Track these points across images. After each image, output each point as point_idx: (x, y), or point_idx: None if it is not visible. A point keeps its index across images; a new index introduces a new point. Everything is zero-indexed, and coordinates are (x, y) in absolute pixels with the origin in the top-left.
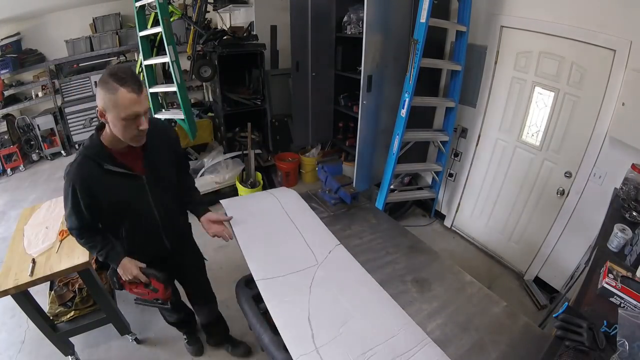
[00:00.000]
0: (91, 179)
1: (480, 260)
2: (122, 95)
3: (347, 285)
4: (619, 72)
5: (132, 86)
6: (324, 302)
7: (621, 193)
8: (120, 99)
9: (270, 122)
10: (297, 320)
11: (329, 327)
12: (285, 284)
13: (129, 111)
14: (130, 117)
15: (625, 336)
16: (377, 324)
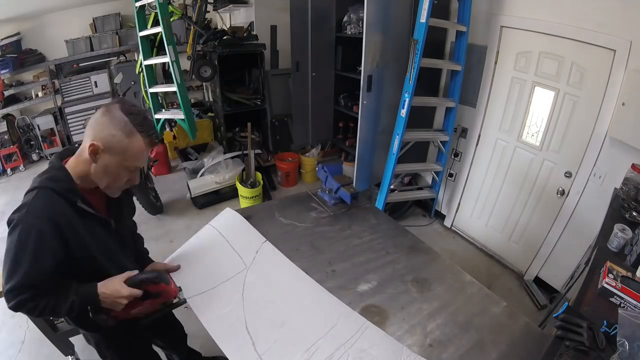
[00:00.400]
0: (63, 220)
1: (480, 260)
2: (137, 144)
3: (279, 284)
4: (619, 72)
5: (150, 137)
6: (259, 306)
7: (621, 193)
8: (133, 147)
9: (270, 122)
10: (235, 331)
11: (269, 331)
12: (216, 295)
13: (136, 163)
14: (131, 169)
15: (625, 336)
16: (316, 318)
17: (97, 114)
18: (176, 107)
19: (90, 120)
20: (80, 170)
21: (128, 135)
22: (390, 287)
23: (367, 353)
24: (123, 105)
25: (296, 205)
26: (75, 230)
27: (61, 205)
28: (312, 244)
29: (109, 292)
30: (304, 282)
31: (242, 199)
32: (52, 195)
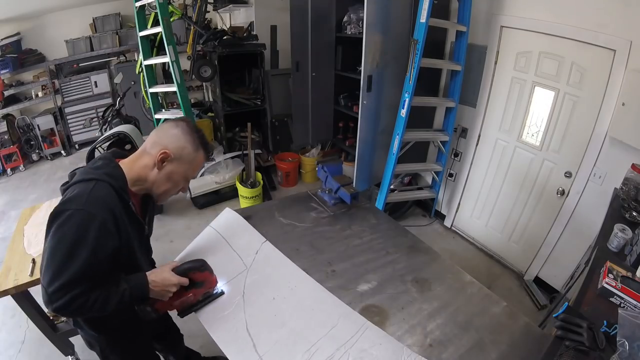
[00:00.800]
0: (118, 214)
1: (480, 260)
2: (200, 157)
3: (279, 285)
4: (619, 72)
5: (209, 154)
6: (260, 308)
7: (621, 193)
8: (197, 160)
9: (270, 122)
10: (236, 334)
11: (269, 332)
12: (218, 298)
13: (194, 174)
14: (188, 179)
15: (625, 336)
16: (316, 318)
17: (166, 126)
18: (176, 107)
19: (159, 131)
20: (136, 173)
21: (196, 149)
22: (390, 287)
23: (367, 353)
24: (189, 123)
25: (296, 205)
26: (125, 226)
27: (117, 200)
28: (312, 244)
29: (159, 281)
30: (305, 283)
31: (242, 199)
32: (110, 190)
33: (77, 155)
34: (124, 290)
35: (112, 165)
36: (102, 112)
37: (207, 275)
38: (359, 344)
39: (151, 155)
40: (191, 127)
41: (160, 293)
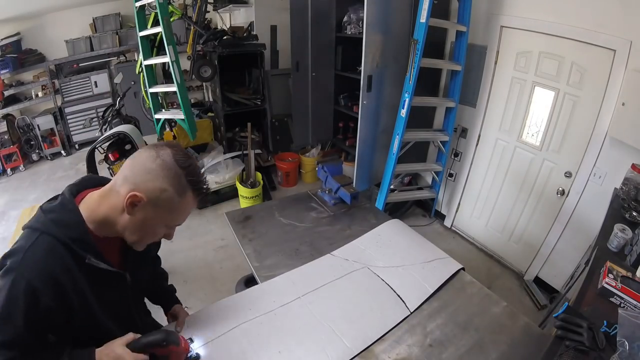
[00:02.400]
0: (64, 277)
1: (480, 260)
2: (187, 201)
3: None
4: (619, 72)
5: (202, 195)
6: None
7: (621, 193)
8: (182, 205)
9: (270, 122)
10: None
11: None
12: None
13: (180, 221)
14: (172, 226)
15: (625, 336)
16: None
17: (142, 156)
18: (176, 107)
19: (133, 161)
20: (103, 215)
21: (180, 193)
22: None
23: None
24: (175, 152)
25: (296, 205)
26: (81, 292)
27: (66, 260)
28: (312, 244)
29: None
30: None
31: (242, 199)
32: (55, 246)
33: (77, 155)
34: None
35: (66, 208)
36: (102, 112)
37: (172, 349)
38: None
39: (120, 195)
40: (177, 159)
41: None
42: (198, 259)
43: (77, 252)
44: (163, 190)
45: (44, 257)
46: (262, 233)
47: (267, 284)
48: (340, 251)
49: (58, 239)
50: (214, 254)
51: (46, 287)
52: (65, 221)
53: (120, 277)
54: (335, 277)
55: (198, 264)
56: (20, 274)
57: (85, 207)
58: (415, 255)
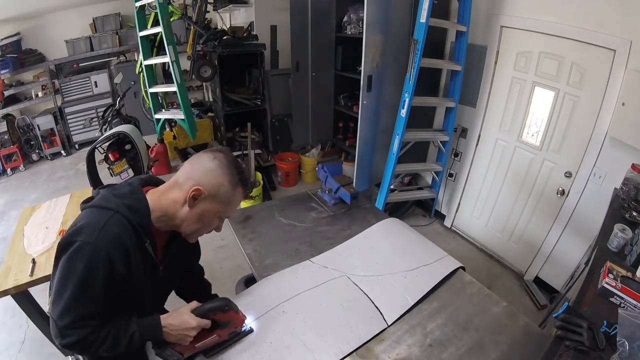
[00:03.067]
0: (131, 253)
1: (480, 260)
2: (238, 195)
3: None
4: (619, 72)
5: (248, 193)
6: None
7: (621, 193)
8: (235, 199)
9: (270, 122)
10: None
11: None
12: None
13: (232, 213)
14: (223, 218)
15: (625, 336)
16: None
17: (203, 157)
18: (176, 107)
19: (194, 163)
20: (164, 208)
21: (234, 187)
22: None
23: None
24: (228, 155)
25: (296, 205)
26: (136, 265)
27: (133, 239)
28: (312, 244)
29: (177, 324)
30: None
31: None
32: (127, 226)
33: (77, 155)
34: (133, 333)
35: (137, 196)
36: (102, 112)
37: (231, 315)
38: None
39: (183, 190)
40: (230, 160)
41: (178, 337)
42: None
43: (141, 235)
44: (221, 184)
45: (118, 232)
46: (262, 233)
47: (244, 295)
48: (320, 258)
49: (129, 220)
50: (214, 254)
51: (120, 256)
52: (136, 207)
53: (156, 268)
54: (311, 285)
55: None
56: (98, 246)
57: (150, 198)
58: (399, 263)
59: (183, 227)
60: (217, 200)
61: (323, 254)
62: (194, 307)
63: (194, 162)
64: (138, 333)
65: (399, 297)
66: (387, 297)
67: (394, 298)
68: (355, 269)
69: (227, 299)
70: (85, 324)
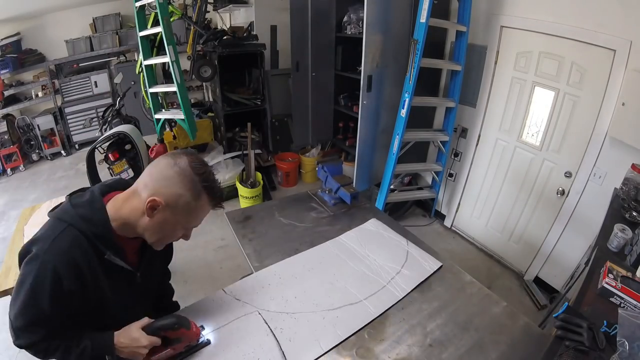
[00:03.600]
0: (85, 268)
1: (480, 260)
2: (204, 205)
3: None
4: (619, 72)
5: (217, 202)
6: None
7: (621, 193)
8: (199, 209)
9: (270, 122)
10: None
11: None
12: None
13: (197, 223)
14: (189, 228)
15: (625, 336)
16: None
17: (161, 163)
18: (176, 107)
19: (152, 169)
20: (126, 216)
21: (196, 197)
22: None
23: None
24: (192, 159)
25: (296, 205)
26: (95, 281)
27: (88, 252)
28: (312, 244)
29: (128, 342)
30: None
31: (242, 199)
32: (80, 240)
33: (77, 155)
34: (85, 347)
35: (94, 205)
36: (102, 112)
37: (182, 332)
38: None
39: (141, 199)
40: (193, 166)
41: (130, 354)
42: (198, 258)
43: (99, 247)
44: (180, 195)
45: (69, 247)
46: (262, 233)
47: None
48: (235, 287)
49: (83, 233)
50: (214, 254)
51: (69, 273)
52: (92, 218)
53: (132, 274)
54: (220, 324)
55: (198, 264)
56: (47, 259)
57: (111, 207)
58: (331, 302)
59: (146, 236)
60: (178, 211)
61: (238, 282)
62: (145, 324)
63: (153, 169)
64: (90, 348)
65: (311, 343)
66: (296, 343)
67: (304, 343)
68: (268, 303)
69: (177, 317)
70: (35, 329)
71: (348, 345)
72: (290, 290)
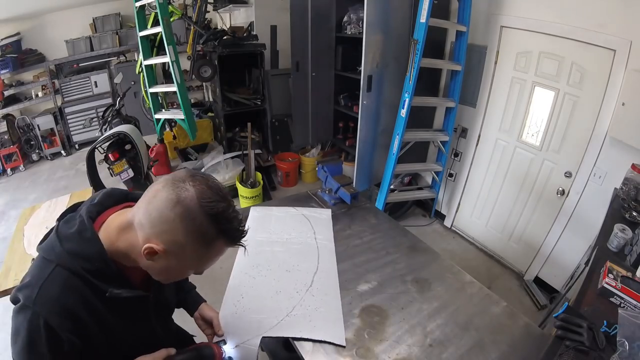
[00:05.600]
0: (81, 313)
1: (480, 260)
2: (217, 250)
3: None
4: (619, 72)
5: (236, 240)
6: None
7: (621, 193)
8: (213, 254)
9: (270, 122)
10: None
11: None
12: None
13: (208, 266)
14: (201, 270)
15: (625, 336)
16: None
17: (159, 198)
18: (176, 107)
19: (149, 205)
20: (123, 250)
21: (207, 244)
22: (390, 287)
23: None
24: (201, 193)
25: (296, 205)
26: (100, 325)
27: (84, 294)
28: None
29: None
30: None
31: (242, 199)
32: (71, 280)
33: (77, 155)
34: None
35: (84, 236)
36: (102, 112)
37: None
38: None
39: (137, 236)
40: (203, 205)
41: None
42: None
43: (97, 285)
44: (184, 244)
45: (59, 294)
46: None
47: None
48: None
49: (75, 272)
50: None
51: (65, 322)
52: (83, 253)
53: (145, 299)
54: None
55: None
56: (36, 311)
57: (105, 236)
58: (304, 282)
59: (150, 273)
60: (184, 259)
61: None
62: (166, 355)
63: (149, 205)
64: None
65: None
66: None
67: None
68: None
69: (198, 349)
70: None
71: (348, 345)
72: (265, 300)
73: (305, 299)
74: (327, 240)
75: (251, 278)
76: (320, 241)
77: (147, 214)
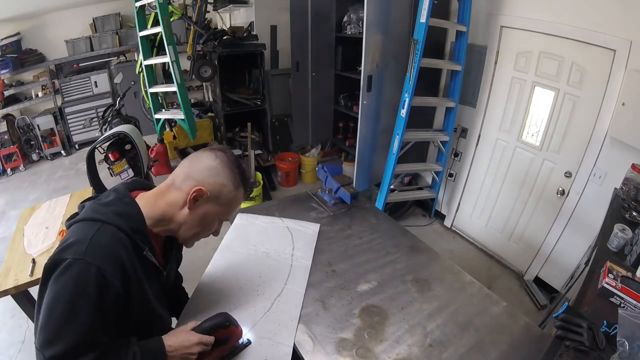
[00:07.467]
0: (128, 263)
1: (480, 260)
2: (240, 196)
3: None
4: (619, 72)
5: (249, 193)
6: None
7: (621, 193)
8: (237, 200)
9: (270, 122)
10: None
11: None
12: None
13: (231, 215)
14: (224, 220)
15: (625, 336)
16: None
17: (203, 156)
18: (176, 107)
19: (193, 161)
20: (160, 211)
21: (236, 187)
22: (390, 287)
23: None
24: (229, 154)
25: (296, 205)
26: (138, 278)
27: (128, 249)
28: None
29: (178, 344)
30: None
31: None
32: (118, 235)
33: (77, 155)
34: (134, 355)
35: (125, 200)
36: (102, 112)
37: (232, 330)
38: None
39: (181, 191)
40: (232, 159)
41: (181, 357)
42: (198, 259)
43: (137, 242)
44: (223, 185)
45: (109, 243)
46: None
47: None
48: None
49: (121, 228)
50: (212, 253)
51: (115, 271)
52: (127, 213)
53: (161, 274)
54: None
55: (198, 264)
56: (89, 262)
57: (142, 203)
58: (263, 301)
59: (182, 231)
60: (219, 202)
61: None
62: (194, 326)
63: (194, 161)
64: (139, 355)
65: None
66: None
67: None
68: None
69: (225, 314)
70: (79, 354)
71: (348, 346)
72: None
73: (260, 324)
74: (305, 258)
75: (218, 289)
76: (296, 259)
77: (193, 168)
